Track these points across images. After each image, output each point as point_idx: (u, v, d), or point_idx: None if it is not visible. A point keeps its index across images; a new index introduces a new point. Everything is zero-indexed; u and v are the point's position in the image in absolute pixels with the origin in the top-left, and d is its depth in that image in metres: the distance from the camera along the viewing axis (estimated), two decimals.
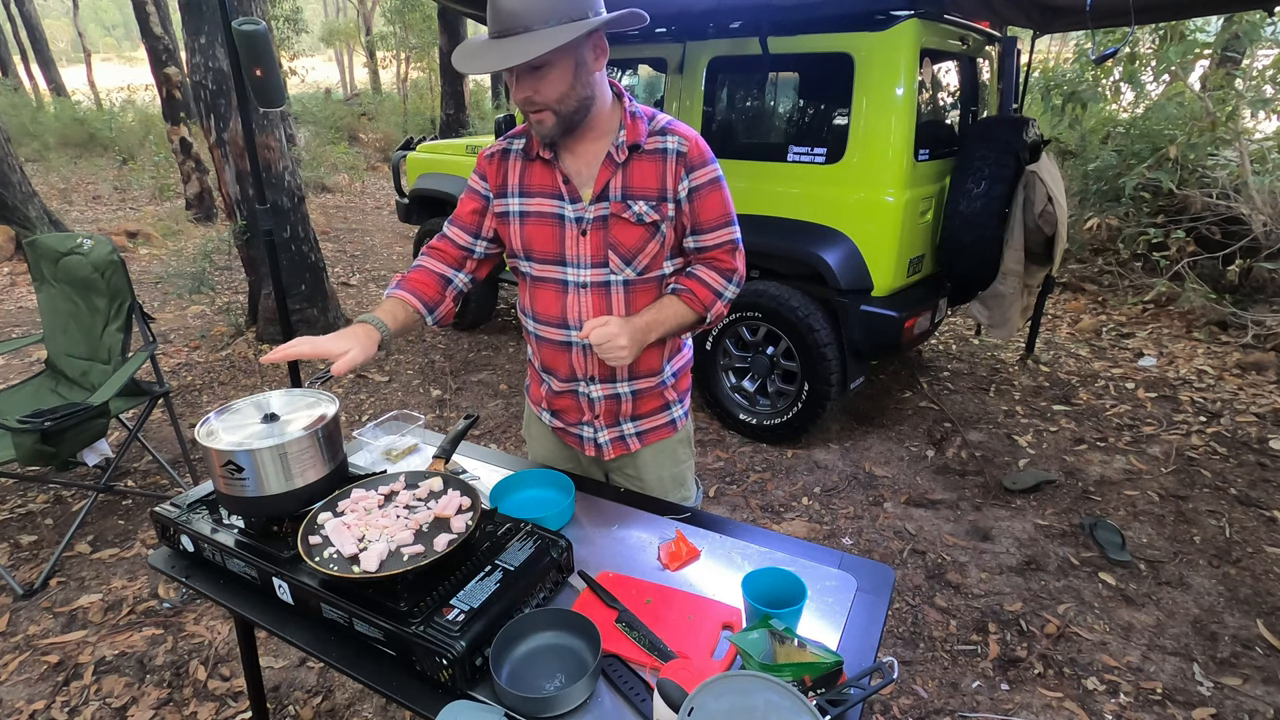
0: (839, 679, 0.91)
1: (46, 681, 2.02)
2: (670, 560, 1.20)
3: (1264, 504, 2.77)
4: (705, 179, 1.29)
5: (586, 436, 1.48)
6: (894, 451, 3.24)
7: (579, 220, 1.29)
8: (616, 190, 1.27)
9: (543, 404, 1.53)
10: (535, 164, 1.32)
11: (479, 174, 1.38)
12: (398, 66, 18.81)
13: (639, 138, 1.26)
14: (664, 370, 1.44)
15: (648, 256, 1.31)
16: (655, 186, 1.27)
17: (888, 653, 2.10)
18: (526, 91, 1.17)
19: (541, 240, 1.32)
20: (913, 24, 2.73)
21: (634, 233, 1.29)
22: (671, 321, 1.33)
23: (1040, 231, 3.18)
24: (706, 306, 1.35)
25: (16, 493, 2.93)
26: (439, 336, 4.71)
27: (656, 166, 1.27)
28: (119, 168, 10.41)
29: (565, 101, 1.18)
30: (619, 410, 1.44)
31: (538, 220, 1.32)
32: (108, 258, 2.70)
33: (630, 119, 1.27)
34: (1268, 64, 5.08)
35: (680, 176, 1.27)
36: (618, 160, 1.27)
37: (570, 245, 1.31)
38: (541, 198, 1.31)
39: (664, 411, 1.49)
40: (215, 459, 1.13)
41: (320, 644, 1.07)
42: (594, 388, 1.41)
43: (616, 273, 1.31)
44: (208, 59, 4.05)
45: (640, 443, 1.48)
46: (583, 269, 1.31)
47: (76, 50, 28.68)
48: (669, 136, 1.27)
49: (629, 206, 1.27)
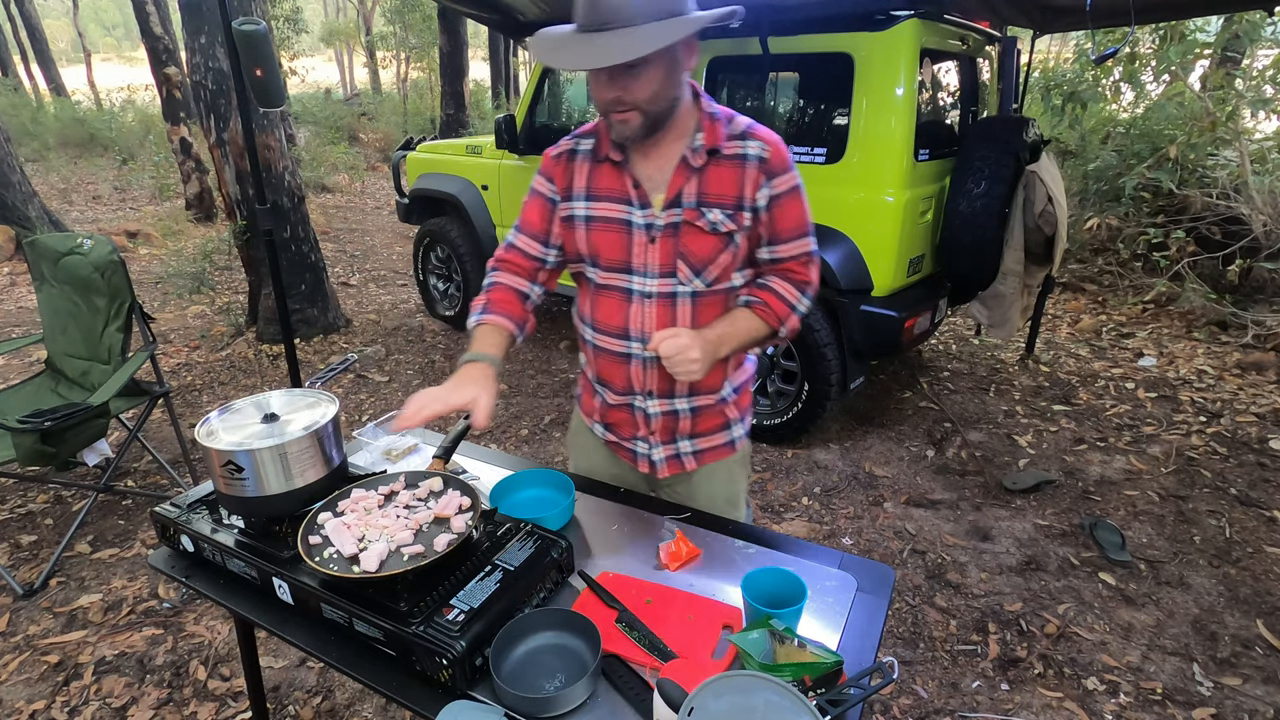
0: (839, 679, 0.91)
1: (46, 681, 2.02)
2: (670, 560, 1.20)
3: (1264, 504, 2.77)
4: (786, 187, 1.20)
5: (640, 452, 1.41)
6: (894, 451, 3.24)
7: (648, 227, 1.22)
8: (691, 197, 1.20)
9: (595, 416, 1.46)
10: (604, 166, 1.25)
11: (545, 175, 1.31)
12: (398, 66, 18.83)
13: (717, 141, 1.19)
14: (724, 387, 1.36)
15: (719, 268, 1.23)
16: (732, 194, 1.19)
17: (888, 653, 2.10)
18: (616, 91, 1.10)
19: (608, 247, 1.25)
20: (913, 24, 2.73)
21: (707, 242, 1.21)
22: (744, 335, 1.25)
23: (1040, 231, 3.18)
24: (781, 320, 1.27)
25: (16, 493, 2.93)
26: (439, 336, 4.71)
27: (735, 173, 1.19)
28: (119, 168, 10.41)
29: (656, 101, 1.12)
30: (676, 427, 1.37)
31: (604, 225, 1.25)
32: (108, 258, 2.70)
33: (708, 121, 1.20)
34: (1268, 64, 5.08)
35: (760, 184, 1.19)
36: (694, 165, 1.19)
37: (638, 253, 1.23)
38: (609, 202, 1.24)
39: (723, 430, 1.40)
40: (215, 459, 1.13)
41: (320, 644, 1.06)
42: (651, 403, 1.33)
43: (685, 284, 1.23)
44: (208, 59, 4.05)
45: (696, 462, 1.41)
46: (649, 278, 1.24)
47: (76, 50, 28.69)
48: (750, 141, 1.19)
49: (703, 214, 1.19)
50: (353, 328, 4.84)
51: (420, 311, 5.17)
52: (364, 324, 4.93)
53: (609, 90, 1.11)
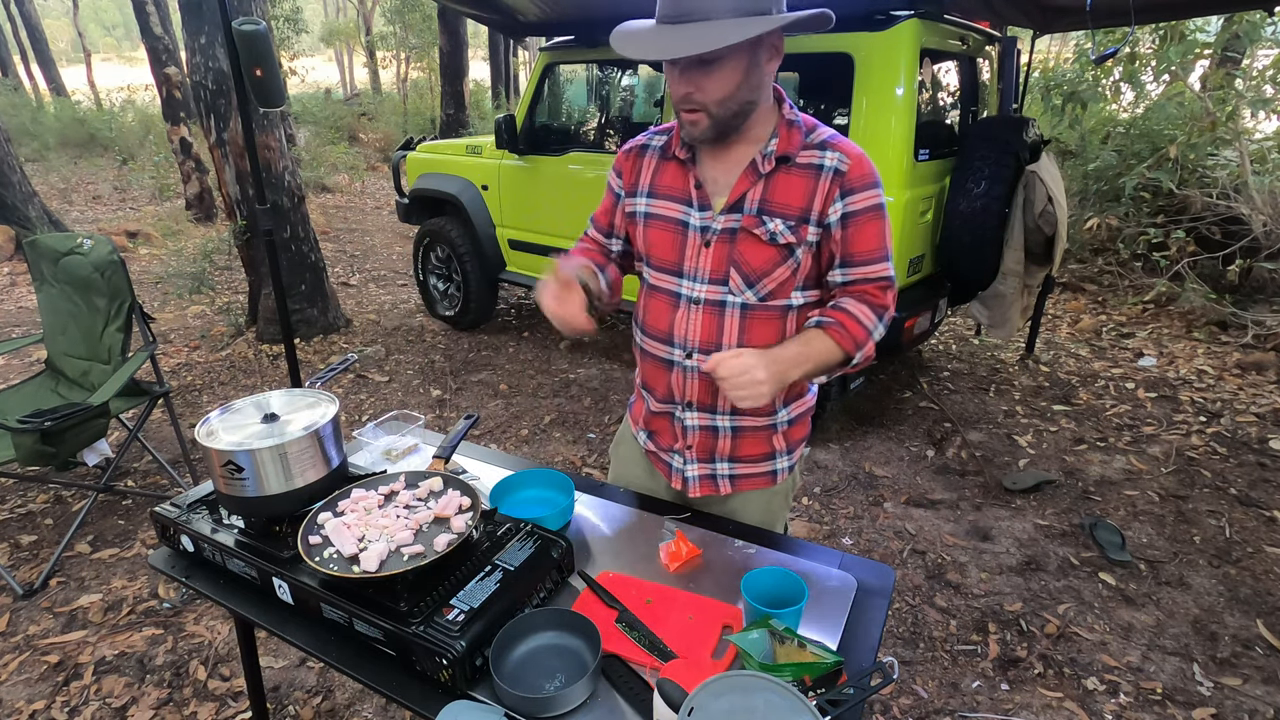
0: (839, 679, 0.91)
1: (46, 681, 2.02)
2: (670, 560, 1.20)
3: (1264, 504, 2.77)
4: (865, 205, 1.13)
5: (675, 466, 1.35)
6: (894, 451, 3.24)
7: (704, 230, 1.18)
8: (753, 203, 1.15)
9: (640, 423, 1.42)
10: (670, 163, 1.23)
11: (616, 170, 1.31)
12: (398, 66, 18.82)
13: (791, 148, 1.13)
14: (778, 413, 1.29)
15: (774, 281, 1.17)
16: (799, 205, 1.13)
17: (888, 653, 2.10)
18: (688, 87, 1.07)
19: (662, 246, 1.23)
20: (913, 24, 2.73)
21: (763, 252, 1.15)
22: (818, 359, 1.16)
23: (1040, 231, 3.18)
24: (858, 344, 1.16)
25: (16, 493, 2.93)
26: (439, 336, 4.71)
27: (806, 183, 1.13)
28: (119, 168, 10.41)
29: (727, 104, 1.08)
30: (715, 446, 1.30)
31: (660, 224, 1.23)
32: (108, 258, 2.70)
33: (786, 127, 1.15)
34: (1268, 64, 5.08)
35: (833, 198, 1.12)
36: (761, 170, 1.14)
37: (690, 256, 1.20)
38: (669, 200, 1.22)
39: (766, 460, 1.32)
40: (215, 459, 1.14)
41: (320, 644, 1.07)
42: (690, 414, 1.28)
43: (736, 293, 1.18)
44: (208, 59, 4.05)
45: (732, 486, 1.33)
46: (699, 283, 1.20)
47: (76, 50, 28.68)
48: (829, 152, 1.13)
49: (763, 223, 1.14)
50: (353, 328, 4.83)
51: (420, 311, 5.17)
52: (364, 324, 4.93)
53: (681, 85, 1.08)
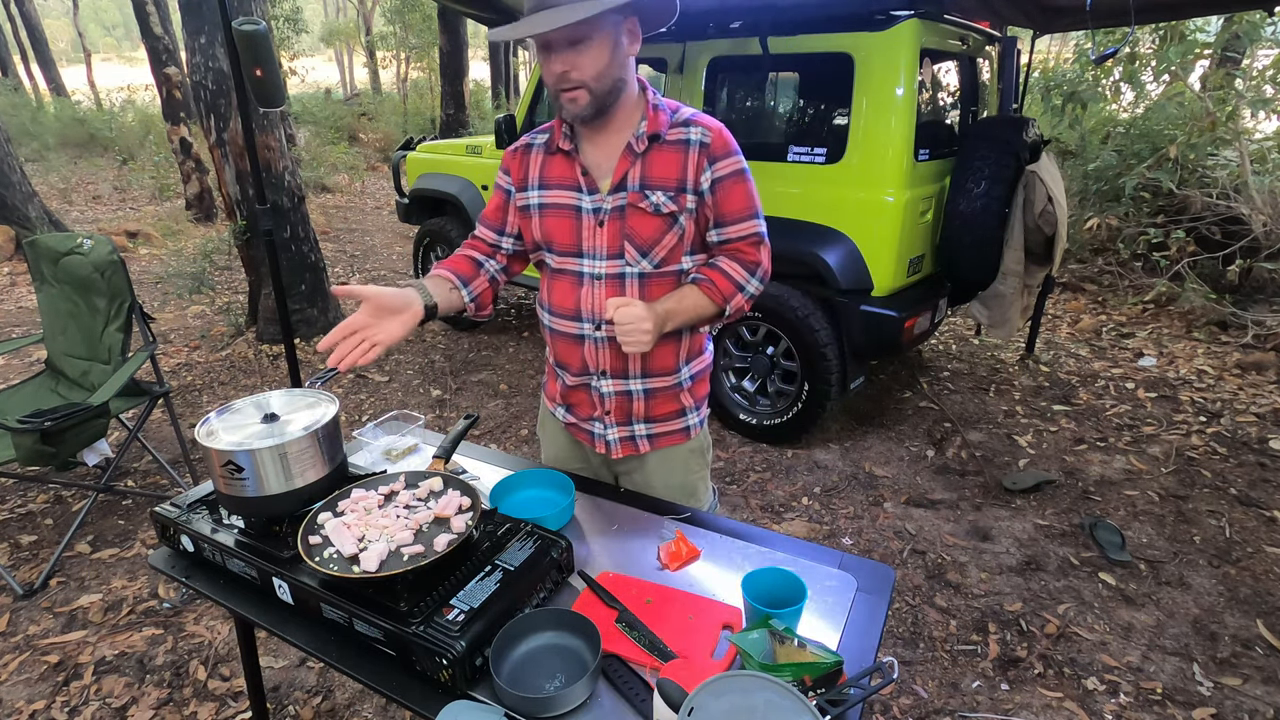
0: (839, 679, 0.91)
1: (46, 681, 2.02)
2: (670, 560, 1.20)
3: (1264, 504, 2.77)
4: (729, 170, 1.27)
5: (597, 433, 1.46)
6: (894, 451, 3.24)
7: (596, 211, 1.29)
8: (635, 180, 1.27)
9: (557, 399, 1.52)
10: (556, 156, 1.33)
11: (503, 169, 1.40)
12: (398, 66, 18.83)
13: (660, 128, 1.26)
14: (680, 371, 1.42)
15: (664, 249, 1.30)
16: (675, 177, 1.26)
17: (888, 653, 2.10)
18: (564, 66, 1.18)
19: (560, 232, 1.33)
20: (913, 24, 2.73)
21: (651, 223, 1.28)
22: (690, 311, 1.31)
23: (1040, 231, 3.18)
24: (726, 298, 1.32)
25: (16, 493, 2.93)
26: (439, 336, 4.71)
27: (677, 157, 1.26)
28: (119, 168, 10.41)
29: (602, 79, 1.19)
30: (630, 409, 1.42)
31: (556, 212, 1.33)
32: (108, 258, 2.70)
33: (652, 111, 1.27)
34: (1268, 64, 5.08)
35: (703, 167, 1.26)
36: (637, 150, 1.26)
37: (587, 237, 1.31)
38: (560, 189, 1.32)
39: (679, 417, 1.46)
40: (215, 459, 1.13)
41: (320, 644, 1.06)
42: (606, 382, 1.39)
43: (632, 265, 1.30)
44: (208, 59, 4.05)
45: (650, 445, 1.46)
46: (599, 260, 1.31)
47: (76, 50, 28.68)
48: (692, 127, 1.26)
49: (646, 196, 1.26)
50: None
51: None
52: None
53: (557, 65, 1.18)
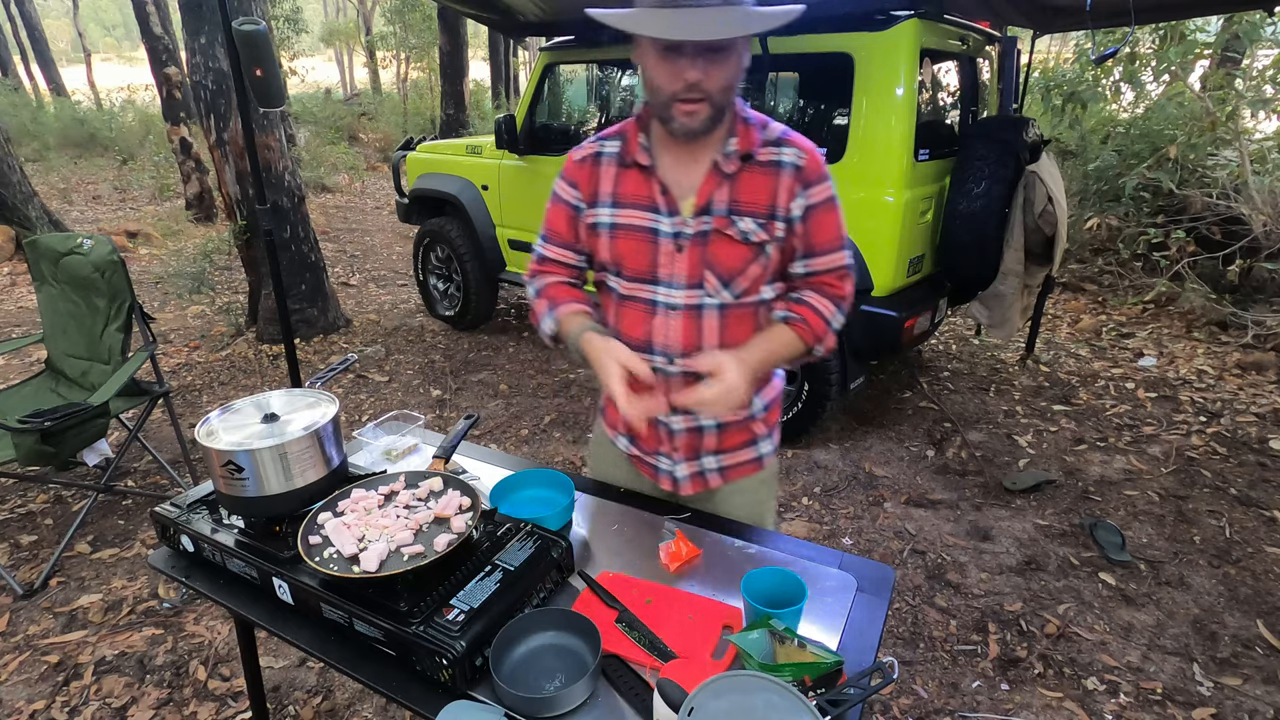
0: (839, 679, 0.91)
1: (46, 681, 2.02)
2: (670, 560, 1.20)
3: (1264, 504, 2.77)
4: (822, 197, 1.16)
5: (663, 469, 1.35)
6: (894, 451, 3.24)
7: (676, 235, 1.16)
8: (721, 204, 1.15)
9: (620, 428, 1.40)
10: (631, 171, 1.19)
11: (568, 181, 1.25)
12: (398, 66, 18.82)
13: (752, 147, 1.14)
14: (754, 403, 1.31)
15: (748, 279, 1.18)
16: (765, 202, 1.14)
17: (888, 653, 2.10)
18: (697, 75, 1.03)
19: (633, 256, 1.19)
20: (913, 24, 2.73)
21: (737, 252, 1.15)
22: (783, 355, 1.20)
23: (1040, 231, 3.18)
24: (819, 338, 1.20)
25: (16, 493, 2.93)
26: (439, 336, 4.71)
27: (769, 180, 1.14)
28: (119, 168, 10.42)
29: (728, 92, 1.07)
30: (700, 443, 1.31)
31: (629, 233, 1.19)
32: (108, 258, 2.70)
33: (742, 125, 1.15)
34: (1268, 64, 5.07)
35: (795, 193, 1.15)
36: (726, 171, 1.14)
37: (664, 263, 1.18)
38: (635, 209, 1.19)
39: (749, 447, 1.35)
40: (215, 459, 1.13)
41: (320, 644, 1.06)
42: (674, 418, 1.28)
43: (712, 295, 1.18)
44: (208, 59, 4.05)
45: (721, 479, 1.35)
46: (675, 289, 1.18)
47: (76, 50, 28.69)
48: (785, 148, 1.15)
49: (734, 223, 1.14)
50: (353, 328, 4.84)
51: (420, 311, 5.17)
52: (364, 324, 4.93)
53: (690, 72, 1.03)
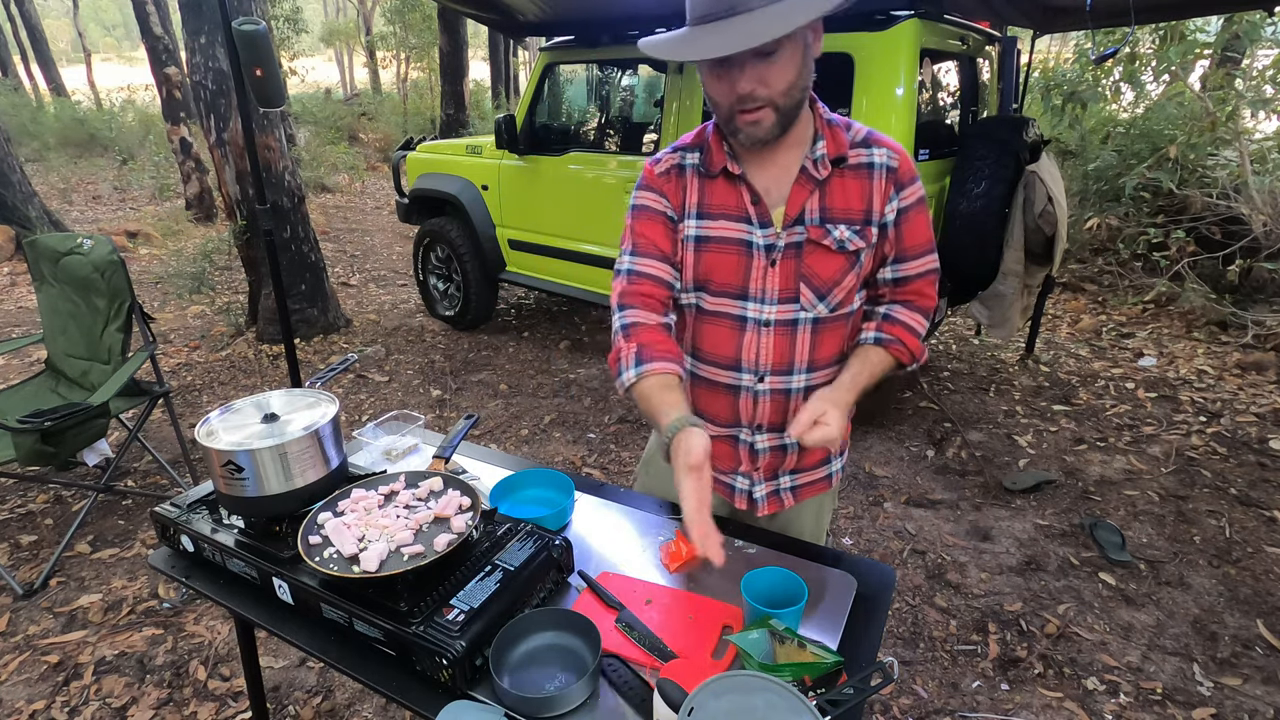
0: (839, 679, 0.91)
1: (46, 681, 2.02)
2: (670, 560, 1.20)
3: (1264, 504, 2.77)
4: (915, 198, 1.11)
5: (739, 488, 1.29)
6: (894, 451, 3.24)
7: (769, 248, 1.10)
8: (814, 213, 1.08)
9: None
10: (717, 180, 1.12)
11: (656, 192, 1.16)
12: (398, 66, 18.82)
13: (842, 149, 1.08)
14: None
15: (844, 290, 1.12)
16: (860, 208, 1.09)
17: (888, 653, 2.10)
18: (750, 84, 0.98)
19: (724, 270, 1.13)
20: (913, 24, 2.73)
21: (833, 262, 1.09)
22: (878, 377, 1.14)
23: (1040, 231, 3.18)
24: (914, 356, 1.15)
25: (16, 493, 2.93)
26: (439, 336, 4.71)
27: (862, 185, 1.09)
28: (119, 168, 10.41)
29: (791, 93, 1.01)
30: (782, 463, 1.26)
31: (720, 247, 1.12)
32: (108, 258, 2.70)
33: (828, 127, 1.10)
34: (1268, 64, 5.08)
35: (889, 196, 1.09)
36: (817, 177, 1.08)
37: (756, 277, 1.11)
38: (725, 220, 1.12)
39: (823, 465, 1.32)
40: (215, 459, 1.13)
41: (320, 644, 1.06)
42: (760, 438, 1.22)
43: (808, 309, 1.12)
44: (208, 59, 4.05)
45: (795, 498, 1.31)
46: (767, 305, 1.12)
47: (76, 50, 28.69)
48: (875, 149, 1.09)
49: (829, 232, 1.08)
50: (353, 328, 4.84)
51: (420, 311, 5.17)
52: (364, 324, 4.93)
53: (743, 84, 0.98)
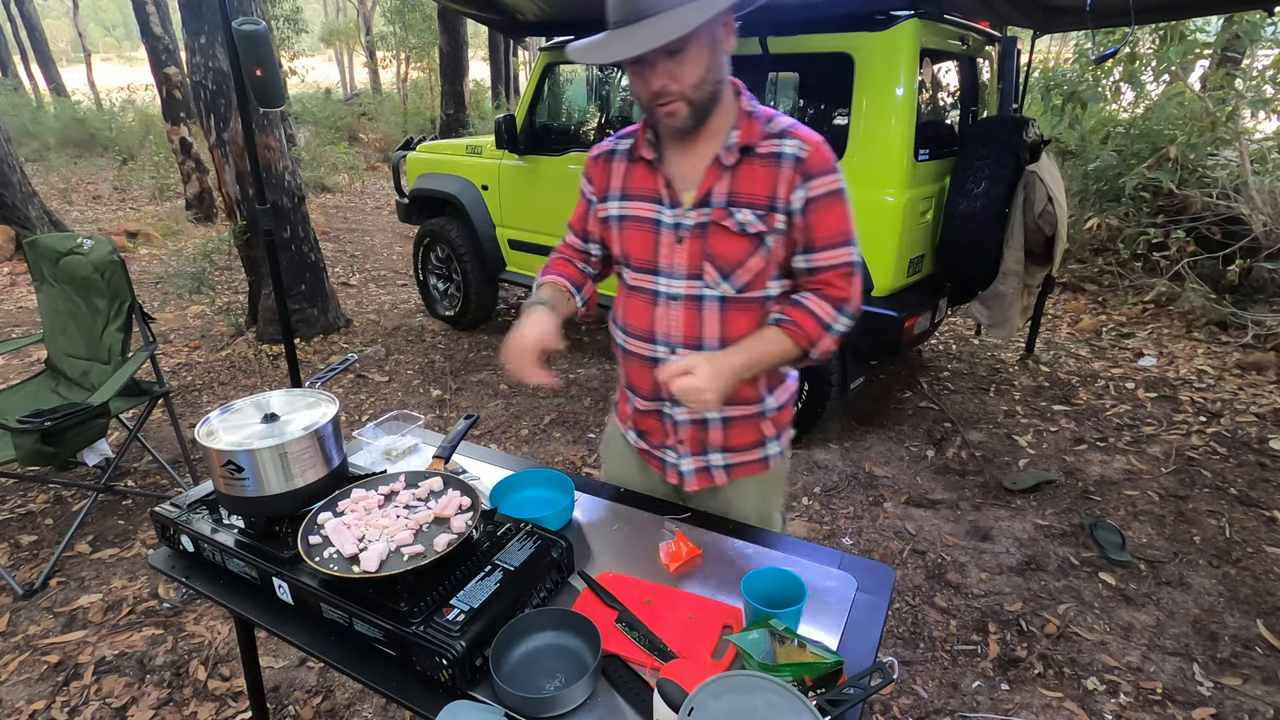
0: (839, 679, 0.91)
1: (46, 681, 2.02)
2: (670, 560, 1.20)
3: (1264, 504, 2.77)
4: (825, 189, 1.15)
5: (669, 462, 1.37)
6: (894, 451, 3.24)
7: (676, 226, 1.20)
8: (720, 196, 1.16)
9: (628, 421, 1.43)
10: (639, 165, 1.25)
11: (586, 177, 1.34)
12: (398, 66, 18.83)
13: (752, 139, 1.15)
14: (764, 400, 1.31)
15: (749, 272, 1.19)
16: (764, 194, 1.15)
17: (888, 653, 2.10)
18: (662, 80, 1.07)
19: (638, 246, 1.25)
20: (913, 24, 2.73)
21: (735, 244, 1.17)
22: (772, 357, 1.19)
23: (1040, 231, 3.18)
24: (813, 341, 1.19)
25: (16, 493, 2.93)
26: (439, 336, 4.71)
27: (769, 172, 1.15)
28: (119, 168, 10.41)
29: (702, 87, 1.09)
30: (706, 438, 1.32)
31: (635, 224, 1.25)
32: (108, 258, 2.70)
33: (745, 118, 1.17)
34: (1268, 64, 5.08)
35: (795, 185, 1.14)
36: (726, 163, 1.16)
37: (665, 253, 1.21)
38: (641, 201, 1.24)
39: (757, 447, 1.34)
40: (215, 459, 1.13)
41: (320, 644, 1.06)
42: (679, 410, 1.29)
43: (712, 287, 1.19)
44: (208, 59, 4.05)
45: (728, 476, 1.35)
46: (675, 279, 1.21)
47: (76, 50, 28.70)
48: (787, 140, 1.15)
49: (731, 214, 1.16)
50: (353, 328, 4.84)
51: (420, 311, 5.17)
52: (364, 324, 4.93)
53: (656, 80, 1.08)
